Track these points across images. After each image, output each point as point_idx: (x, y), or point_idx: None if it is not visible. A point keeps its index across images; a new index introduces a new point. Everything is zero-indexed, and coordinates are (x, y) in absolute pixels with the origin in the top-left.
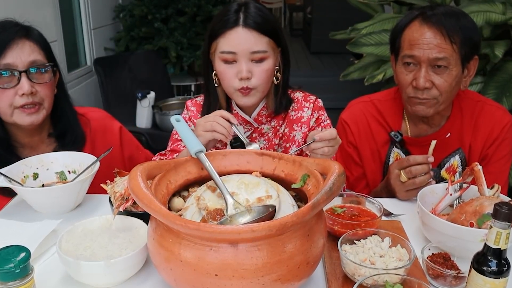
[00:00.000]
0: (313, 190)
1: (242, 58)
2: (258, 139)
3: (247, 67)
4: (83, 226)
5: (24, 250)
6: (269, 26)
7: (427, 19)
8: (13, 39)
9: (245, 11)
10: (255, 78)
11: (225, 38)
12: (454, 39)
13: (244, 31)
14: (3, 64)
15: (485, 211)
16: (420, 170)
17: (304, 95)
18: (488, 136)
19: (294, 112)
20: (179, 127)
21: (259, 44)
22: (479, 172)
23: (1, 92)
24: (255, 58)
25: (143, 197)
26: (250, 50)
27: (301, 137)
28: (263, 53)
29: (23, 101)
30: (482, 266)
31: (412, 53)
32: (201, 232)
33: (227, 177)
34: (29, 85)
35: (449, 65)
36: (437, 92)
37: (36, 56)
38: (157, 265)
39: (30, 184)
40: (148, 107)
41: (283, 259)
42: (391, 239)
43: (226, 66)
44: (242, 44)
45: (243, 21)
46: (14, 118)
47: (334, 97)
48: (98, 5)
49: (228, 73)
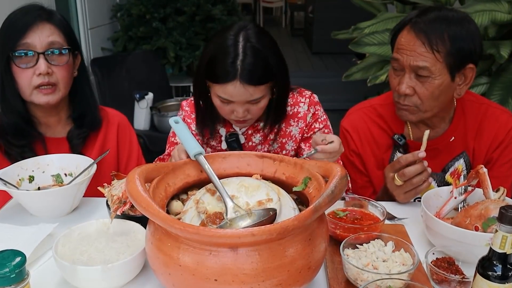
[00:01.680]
0: (315, 193)
1: (238, 104)
2: (254, 135)
3: (244, 109)
4: (80, 230)
5: (19, 255)
6: (268, 71)
7: (413, 26)
8: (35, 21)
9: (243, 61)
10: (250, 114)
11: (222, 87)
12: (437, 48)
13: (241, 86)
14: (23, 44)
15: (491, 214)
16: (413, 171)
17: (299, 91)
18: (492, 140)
19: (289, 108)
20: (177, 128)
21: (257, 93)
22: (484, 175)
23: (21, 72)
24: (252, 102)
25: (141, 201)
26: (247, 100)
27: (298, 132)
28: (260, 98)
29: (40, 81)
30: (487, 271)
31: (397, 57)
32: (201, 236)
33: (227, 180)
34: (46, 66)
35: (431, 74)
36: (418, 100)
37: (55, 38)
38: (155, 269)
39: (25, 187)
40: (146, 109)
41: (284, 263)
42: (394, 243)
43: (222, 104)
44: (239, 96)
45: (240, 76)
46: (32, 98)
47: (336, 98)
48: (95, 4)
49: (224, 110)
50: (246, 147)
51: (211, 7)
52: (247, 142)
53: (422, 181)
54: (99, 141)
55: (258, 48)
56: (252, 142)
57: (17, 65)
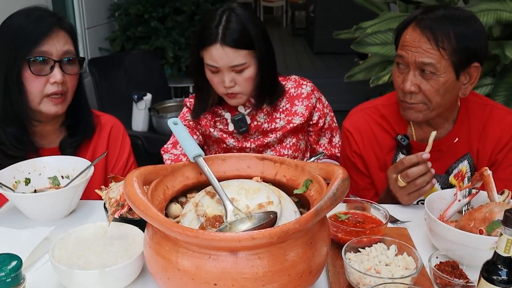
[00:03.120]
0: (316, 196)
1: (224, 70)
2: (259, 115)
3: (229, 77)
4: (77, 233)
5: (15, 259)
6: (247, 39)
7: (419, 23)
8: (52, 29)
9: (225, 26)
10: (238, 85)
11: (207, 52)
12: (443, 45)
13: (222, 48)
14: (40, 52)
15: (495, 217)
16: (416, 172)
17: (299, 77)
18: (497, 141)
19: (294, 89)
20: (176, 130)
21: (237, 59)
22: (489, 177)
23: (34, 79)
24: (236, 70)
25: (139, 203)
26: (229, 65)
27: (304, 109)
28: (242, 65)
29: (54, 89)
30: (492, 275)
31: (402, 54)
32: (200, 240)
33: (227, 182)
34: (61, 74)
35: (437, 71)
36: (424, 98)
37: (69, 47)
38: (153, 274)
39: (21, 190)
40: (145, 110)
41: (285, 267)
42: (397, 247)
43: (212, 74)
44: (221, 60)
45: (221, 38)
46: (41, 107)
47: (339, 99)
48: (92, 4)
49: (214, 81)
50: (252, 127)
51: (211, 6)
52: (252, 122)
53: (425, 182)
54: (91, 148)
55: (239, 16)
56: (257, 122)
57: (33, 72)
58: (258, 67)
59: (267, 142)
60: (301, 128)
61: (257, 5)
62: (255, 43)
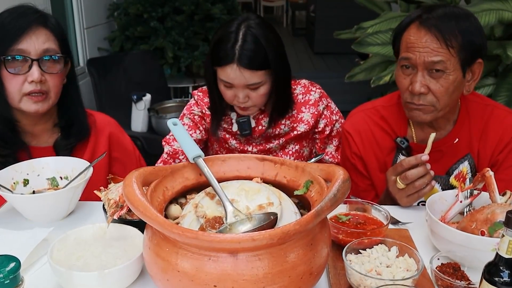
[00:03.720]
0: (317, 197)
1: (238, 88)
2: (264, 119)
3: (244, 93)
4: (76, 234)
5: (13, 260)
6: (264, 59)
7: (423, 23)
8: (31, 26)
9: (241, 47)
10: (251, 101)
11: (223, 70)
12: (451, 43)
13: (238, 69)
14: (16, 50)
15: (497, 219)
16: (416, 174)
17: (310, 82)
18: (498, 142)
19: (301, 96)
20: (176, 131)
21: (253, 79)
22: (491, 178)
23: (12, 78)
24: (250, 88)
25: (139, 204)
26: (245, 84)
27: (310, 117)
28: (258, 84)
29: (31, 88)
30: (494, 276)
31: (408, 56)
32: (199, 241)
33: (227, 183)
34: (39, 73)
35: (446, 70)
36: (433, 98)
37: (50, 45)
38: (153, 275)
39: (20, 191)
40: (144, 110)
41: (285, 269)
42: (398, 249)
43: (225, 88)
44: (237, 79)
45: (237, 59)
46: (21, 105)
47: (339, 100)
48: (91, 3)
49: (227, 94)
50: (256, 131)
51: (211, 6)
52: (257, 126)
53: (424, 184)
54: (88, 149)
55: (256, 36)
56: (262, 126)
57: (9, 70)
58: (273, 84)
59: (269, 147)
60: (305, 135)
61: (257, 5)
62: (271, 64)
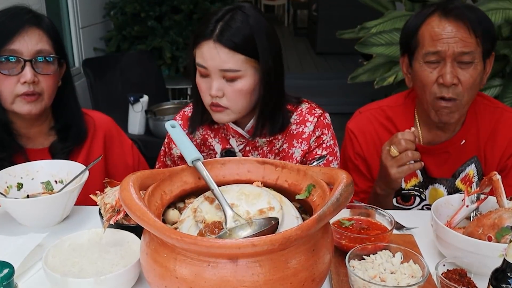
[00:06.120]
0: (319, 201)
1: (213, 75)
2: (252, 153)
3: (218, 84)
4: (71, 240)
5: (7, 266)
6: (249, 44)
7: (448, 13)
8: (23, 26)
9: (226, 23)
10: (226, 97)
11: (199, 49)
12: (477, 32)
13: (215, 46)
14: (9, 50)
15: (504, 224)
16: (411, 139)
17: (309, 107)
18: (507, 146)
19: (295, 126)
20: (174, 133)
21: (230, 63)
22: (498, 182)
23: (4, 78)
24: (227, 77)
25: (136, 209)
26: (219, 67)
27: (300, 154)
28: (235, 72)
29: (24, 89)
30: (501, 283)
31: (436, 49)
32: (198, 247)
33: (226, 187)
34: (32, 74)
35: (474, 60)
36: (462, 91)
37: (44, 46)
38: (150, 282)
39: (13, 195)
40: (141, 112)
41: (287, 275)
42: (402, 254)
43: (201, 79)
44: (211, 59)
45: (216, 35)
46: (14, 106)
47: (342, 101)
48: (87, 2)
49: (202, 86)
50: None
51: (210, 4)
52: None
53: (418, 157)
54: (83, 152)
55: (248, 16)
56: None
57: (2, 71)
58: (258, 83)
59: None
60: None
61: (258, 4)
62: (259, 53)
